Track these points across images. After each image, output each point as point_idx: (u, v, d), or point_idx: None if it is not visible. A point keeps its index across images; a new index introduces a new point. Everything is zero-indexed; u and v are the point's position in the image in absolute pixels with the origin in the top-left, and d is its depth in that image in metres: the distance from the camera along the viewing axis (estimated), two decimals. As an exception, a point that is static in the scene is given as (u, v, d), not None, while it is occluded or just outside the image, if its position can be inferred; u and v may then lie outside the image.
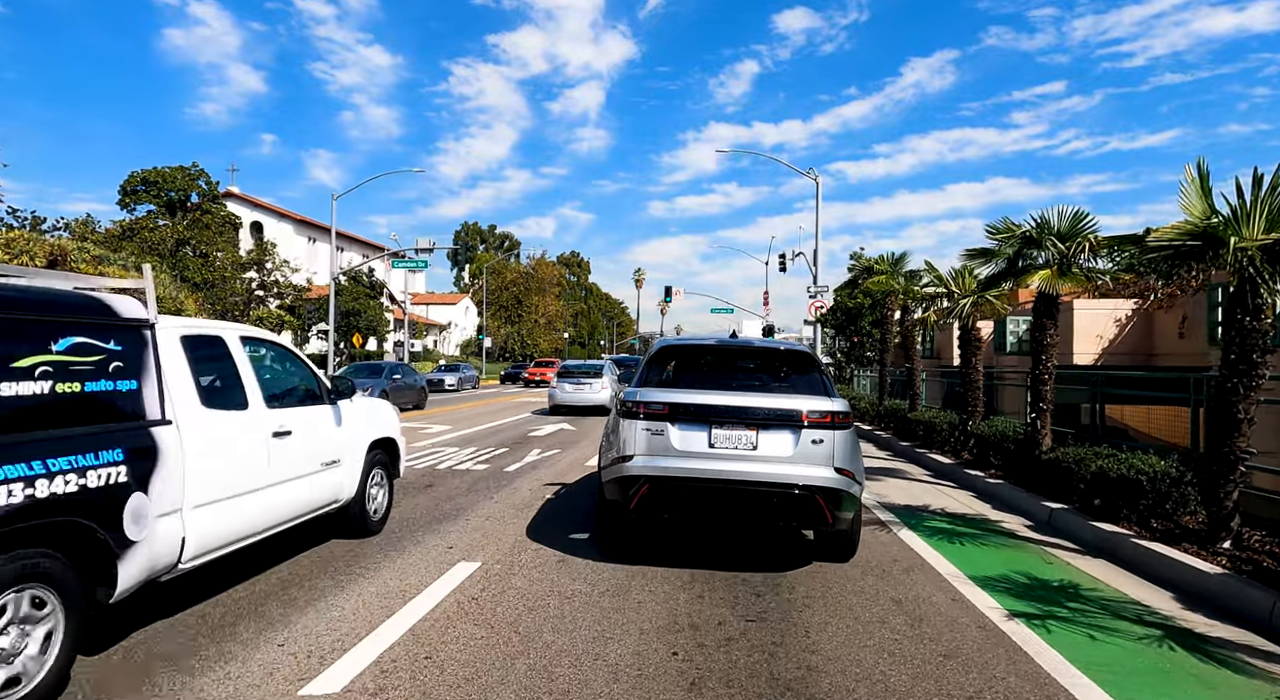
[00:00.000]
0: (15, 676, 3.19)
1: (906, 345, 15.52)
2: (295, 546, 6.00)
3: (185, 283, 37.60)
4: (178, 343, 4.46)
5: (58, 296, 3.69)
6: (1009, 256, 9.71)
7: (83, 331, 3.65)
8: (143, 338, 4.00)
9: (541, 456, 12.03)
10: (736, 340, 6.62)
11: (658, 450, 5.50)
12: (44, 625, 3.33)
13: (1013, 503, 8.71)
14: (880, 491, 9.53)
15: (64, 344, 3.54)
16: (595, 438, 14.96)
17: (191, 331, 4.68)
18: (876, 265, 17.19)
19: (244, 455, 4.77)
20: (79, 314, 3.66)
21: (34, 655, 3.28)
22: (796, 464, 5.43)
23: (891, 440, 14.91)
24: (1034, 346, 9.36)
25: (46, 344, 3.44)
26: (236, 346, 5.07)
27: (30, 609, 3.27)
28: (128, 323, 3.94)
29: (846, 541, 6.04)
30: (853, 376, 27.49)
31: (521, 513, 7.56)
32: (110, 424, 3.73)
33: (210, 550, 4.44)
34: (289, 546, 5.99)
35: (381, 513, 6.71)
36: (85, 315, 3.69)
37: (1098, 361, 13.23)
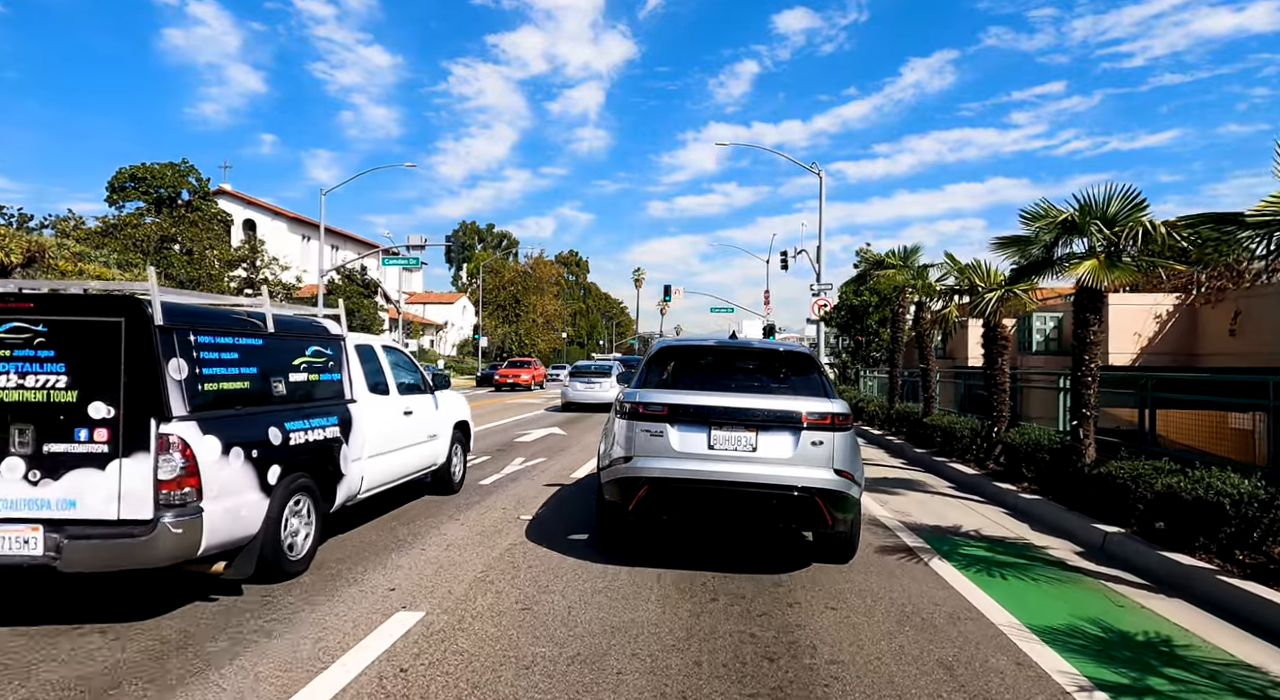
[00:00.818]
0: (292, 544, 5.22)
1: (921, 344, 14.44)
2: (171, 601, 4.92)
3: (170, 281, 36.59)
4: (353, 349, 6.62)
5: (306, 321, 6.12)
6: (1046, 244, 8.64)
7: (317, 342, 5.97)
8: (340, 346, 6.32)
9: (524, 466, 10.95)
10: (736, 341, 6.60)
11: (657, 451, 5.48)
12: (306, 518, 5.42)
13: (1055, 523, 7.64)
14: (901, 508, 8.46)
15: (310, 350, 5.83)
16: (585, 445, 13.88)
17: (359, 341, 6.98)
18: (888, 259, 16.10)
19: (389, 426, 6.94)
20: (315, 331, 6.06)
21: (302, 535, 5.36)
22: (796, 466, 5.40)
23: (904, 446, 13.83)
24: (1076, 345, 8.28)
25: (304, 350, 5.75)
26: (380, 351, 7.36)
27: (301, 508, 5.36)
28: (334, 336, 6.27)
29: (846, 543, 6.00)
30: (859, 377, 26.40)
31: (488, 540, 6.47)
32: (331, 400, 5.96)
33: (373, 488, 6.61)
34: (162, 602, 4.91)
35: (460, 475, 8.84)
36: (317, 332, 6.08)
37: (1135, 361, 12.17)
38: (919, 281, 14.76)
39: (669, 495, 5.48)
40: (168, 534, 4.17)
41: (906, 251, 16.17)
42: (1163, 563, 5.81)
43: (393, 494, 7.86)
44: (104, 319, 4.31)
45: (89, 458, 4.20)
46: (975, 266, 11.09)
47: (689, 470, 5.41)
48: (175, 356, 4.39)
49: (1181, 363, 11.77)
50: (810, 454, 5.41)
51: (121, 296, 4.47)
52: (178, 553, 4.27)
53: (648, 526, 6.91)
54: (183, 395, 4.37)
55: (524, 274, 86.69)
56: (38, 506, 4.19)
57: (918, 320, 14.61)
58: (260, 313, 5.42)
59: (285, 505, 5.13)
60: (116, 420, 4.22)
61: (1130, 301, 12.59)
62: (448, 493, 8.44)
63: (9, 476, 4.20)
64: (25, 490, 4.19)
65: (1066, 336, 14.34)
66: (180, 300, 4.91)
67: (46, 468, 4.21)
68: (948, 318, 11.49)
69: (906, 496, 9.32)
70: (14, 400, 4.24)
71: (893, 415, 16.15)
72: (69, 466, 4.20)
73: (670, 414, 5.51)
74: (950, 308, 11.49)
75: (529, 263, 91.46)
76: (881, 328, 26.79)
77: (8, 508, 4.18)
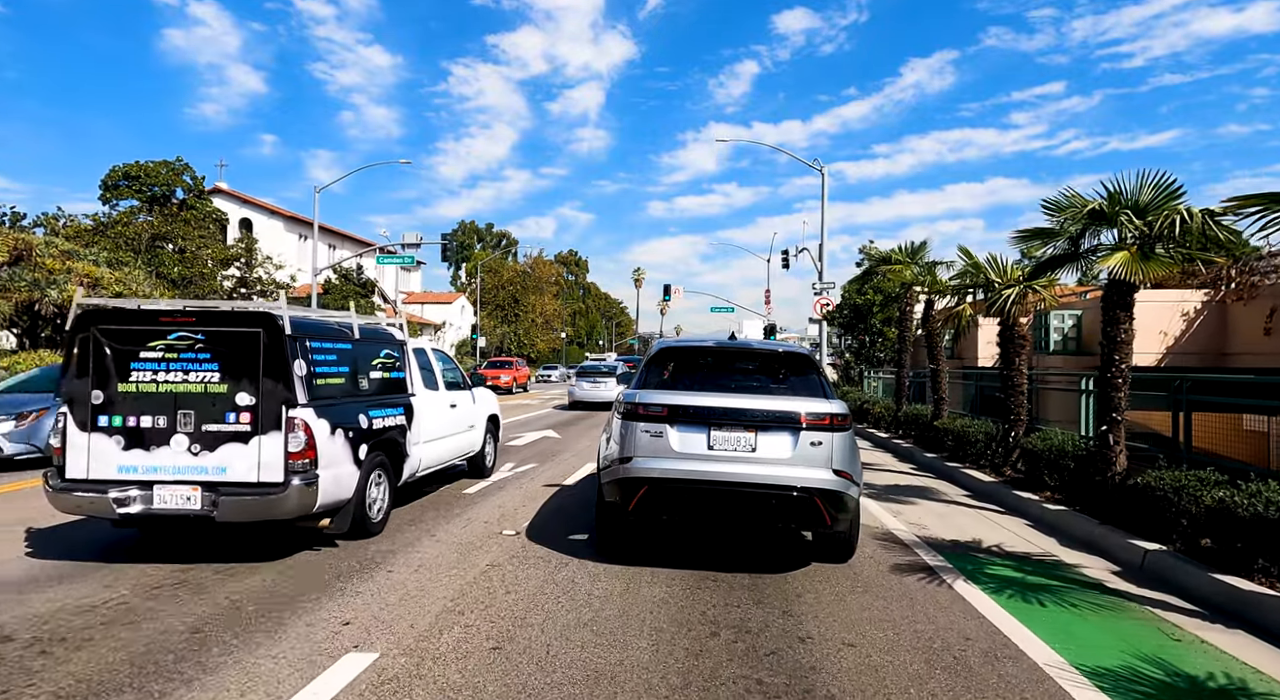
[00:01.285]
0: (372, 509, 6.42)
1: (930, 344, 13.81)
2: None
3: (161, 279, 35.97)
4: (412, 352, 7.78)
5: (379, 328, 7.42)
6: (1071, 236, 8.03)
7: (387, 346, 7.24)
8: (404, 349, 7.56)
9: (513, 473, 10.33)
10: (735, 342, 6.57)
11: (657, 452, 5.47)
12: (382, 488, 6.63)
13: (1086, 538, 7.02)
14: (916, 520, 7.84)
15: (383, 353, 7.10)
16: (579, 449, 13.26)
17: (415, 345, 8.11)
18: (894, 255, 15.47)
19: (438, 416, 8.02)
20: (385, 337, 7.34)
21: (379, 503, 6.56)
22: (795, 466, 5.40)
23: (914, 451, 13.21)
24: (1106, 344, 7.67)
25: (379, 353, 7.02)
26: (430, 354, 8.53)
27: (380, 481, 6.58)
28: (398, 341, 7.54)
29: (845, 543, 6.03)
30: (862, 378, 25.75)
31: (465, 559, 5.85)
32: (397, 394, 7.17)
33: (426, 468, 7.77)
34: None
35: (491, 461, 10.13)
36: (387, 337, 7.38)
37: (1161, 362, 11.55)
38: (927, 278, 14.16)
39: (669, 495, 5.48)
40: (294, 493, 5.42)
41: (914, 247, 15.55)
42: (1216, 587, 5.19)
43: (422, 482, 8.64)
44: (247, 329, 5.56)
45: (236, 435, 5.49)
46: (991, 261, 10.48)
47: (689, 470, 5.41)
48: (298, 358, 5.62)
49: (1210, 363, 11.15)
50: (809, 454, 5.42)
51: (261, 312, 5.65)
52: (300, 509, 5.50)
53: (643, 536, 6.31)
54: (304, 388, 5.60)
55: (523, 273, 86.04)
56: (198, 472, 5.47)
57: (926, 319, 13.98)
58: (348, 323, 6.72)
59: (369, 477, 6.37)
60: (257, 407, 5.49)
61: (1155, 298, 11.97)
62: (481, 477, 9.75)
63: (177, 448, 5.48)
64: (189, 459, 5.48)
65: (1086, 335, 13.74)
66: (299, 315, 5.99)
67: (204, 442, 5.48)
68: (961, 316, 10.86)
69: (920, 506, 8.70)
70: (180, 391, 5.52)
71: (900, 418, 15.52)
72: (221, 441, 5.48)
73: (670, 414, 5.51)
74: (964, 306, 10.87)
75: (528, 262, 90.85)
76: (886, 327, 26.19)
77: (176, 472, 5.46)
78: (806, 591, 5.24)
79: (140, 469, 5.47)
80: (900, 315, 16.33)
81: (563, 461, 11.58)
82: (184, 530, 6.34)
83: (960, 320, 10.89)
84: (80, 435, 5.52)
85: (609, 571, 5.57)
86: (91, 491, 5.43)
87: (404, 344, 7.62)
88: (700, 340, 7.04)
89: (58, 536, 6.36)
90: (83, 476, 5.50)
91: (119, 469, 5.48)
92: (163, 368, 5.54)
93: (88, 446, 5.52)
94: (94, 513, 5.52)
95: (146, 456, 5.48)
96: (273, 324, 5.52)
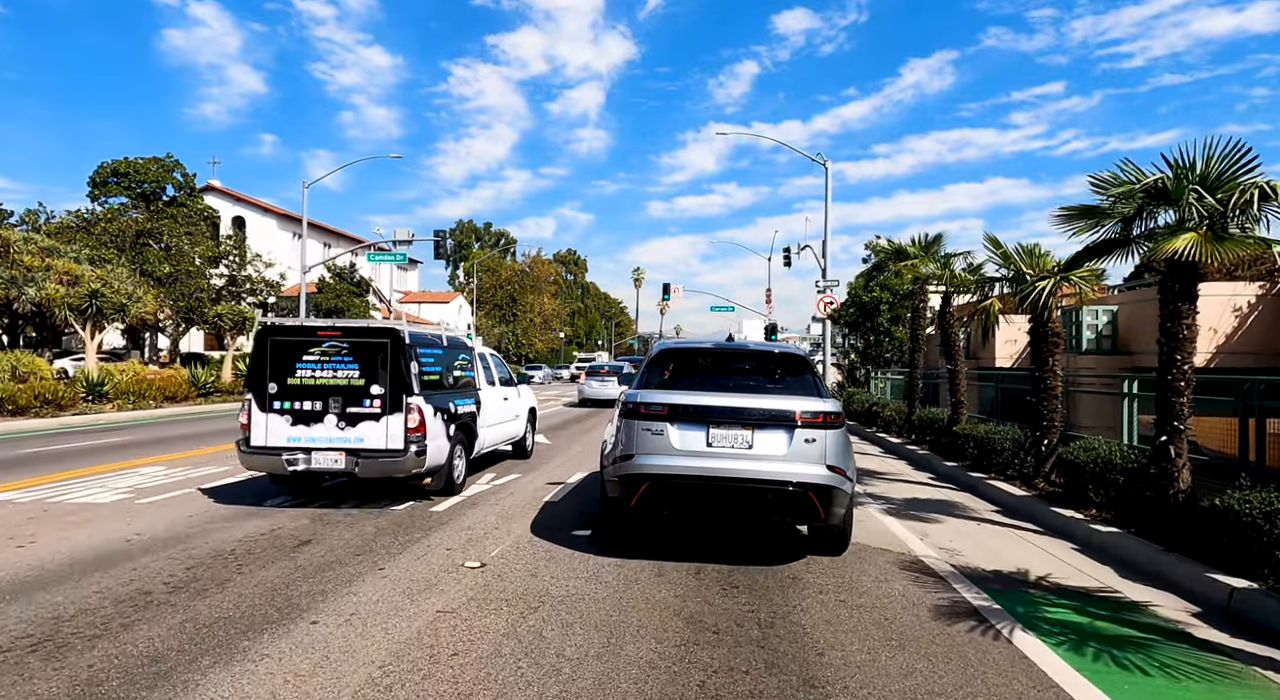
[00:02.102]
0: (456, 474, 8.35)
1: (947, 343, 12.81)
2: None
3: (146, 277, 34.93)
4: (477, 355, 10.01)
5: (457, 337, 9.35)
6: (1124, 217, 7.01)
7: (463, 352, 9.34)
8: (473, 353, 9.76)
9: (494, 485, 9.30)
10: (733, 343, 6.70)
11: (658, 449, 5.66)
12: (462, 459, 8.59)
13: (1148, 567, 6.00)
14: (946, 543, 6.82)
15: (461, 356, 9.20)
16: (570, 456, 12.24)
17: (480, 350, 10.36)
18: (909, 248, 14.45)
19: (496, 407, 10.15)
20: (461, 344, 9.37)
21: (460, 470, 8.47)
22: (791, 462, 5.57)
23: (930, 458, 12.19)
24: (1165, 341, 6.66)
25: (459, 356, 9.07)
26: (489, 357, 10.73)
27: (460, 453, 8.50)
28: (470, 347, 9.71)
29: (839, 536, 6.19)
30: (869, 378, 24.70)
31: (411, 604, 4.81)
32: (471, 388, 9.25)
33: (488, 447, 9.93)
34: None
35: (530, 445, 11.99)
36: (462, 345, 9.42)
37: (1211, 362, 10.54)
38: (944, 272, 13.13)
39: (669, 491, 5.64)
40: (411, 457, 7.41)
41: (928, 239, 14.54)
42: (1337, 641, 4.18)
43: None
44: (378, 340, 7.55)
45: (371, 416, 7.48)
46: (1022, 251, 9.46)
47: (689, 467, 5.58)
48: (413, 360, 7.58)
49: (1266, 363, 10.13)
50: (804, 451, 5.59)
51: (388, 327, 7.66)
52: (414, 469, 7.46)
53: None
54: (417, 382, 7.56)
55: (521, 273, 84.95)
56: (344, 442, 7.46)
57: (943, 316, 12.97)
58: (439, 334, 8.79)
59: (454, 449, 8.29)
60: (385, 395, 7.48)
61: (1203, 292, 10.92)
62: (523, 457, 11.66)
63: (329, 425, 7.49)
64: (337, 433, 7.48)
65: (1123, 333, 12.71)
66: (412, 329, 7.88)
67: (348, 420, 7.49)
68: (989, 311, 9.84)
69: (947, 525, 7.69)
70: (331, 384, 7.52)
71: (914, 422, 14.50)
72: (360, 420, 7.49)
73: (670, 413, 5.70)
74: (991, 300, 9.85)
75: (526, 261, 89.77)
76: (894, 326, 25.17)
77: (328, 442, 7.45)
78: (830, 647, 4.23)
79: (303, 439, 7.54)
80: (913, 312, 15.32)
81: (550, 469, 10.57)
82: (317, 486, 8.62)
83: (988, 316, 9.86)
84: (260, 415, 7.62)
85: (586, 618, 4.56)
86: (270, 455, 7.52)
87: (474, 350, 9.94)
88: (699, 341, 7.28)
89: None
90: (263, 444, 7.58)
91: (288, 439, 7.55)
92: (318, 367, 7.62)
93: (266, 423, 7.60)
94: (270, 470, 7.63)
95: (307, 430, 7.56)
96: (396, 336, 7.63)
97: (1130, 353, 12.45)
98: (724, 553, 6.23)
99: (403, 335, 7.57)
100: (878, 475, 11.22)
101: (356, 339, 7.60)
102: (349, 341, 7.60)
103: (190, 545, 6.14)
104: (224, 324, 30.36)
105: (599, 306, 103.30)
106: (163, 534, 6.53)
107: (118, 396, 21.69)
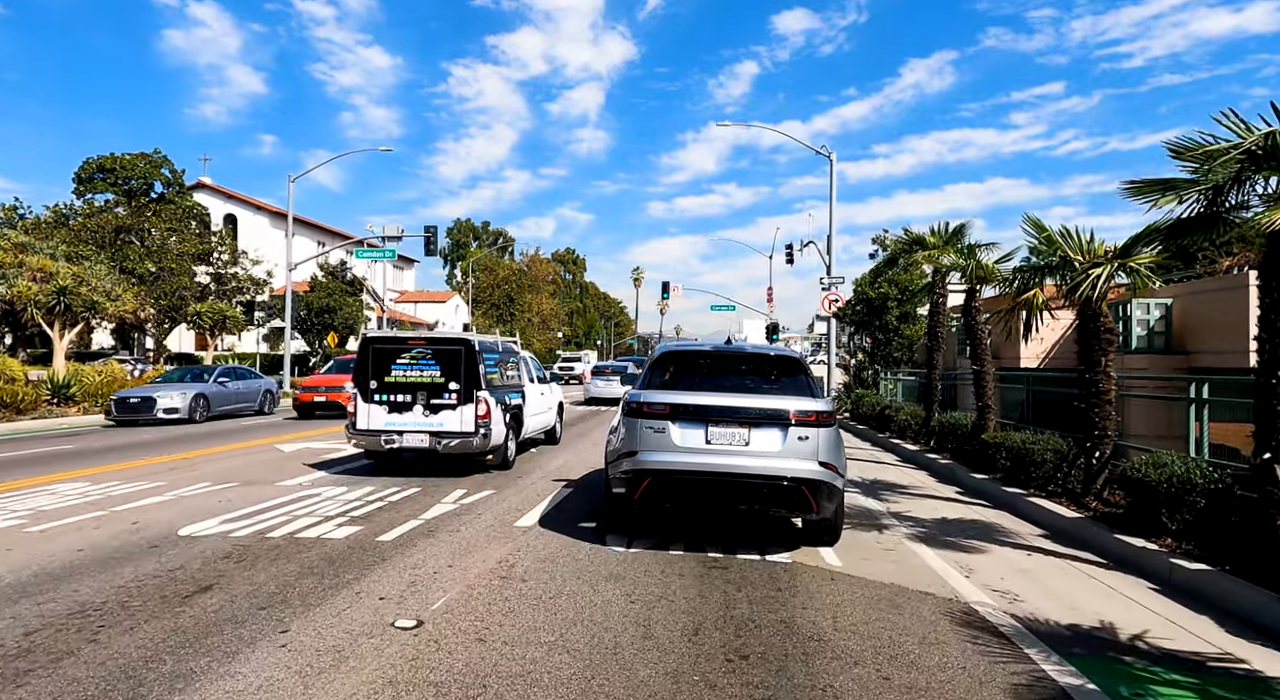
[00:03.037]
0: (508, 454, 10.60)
1: (973, 340, 11.59)
2: None
3: (125, 275, 33.74)
4: (522, 357, 12.07)
5: (508, 344, 11.69)
6: (1214, 186, 5.78)
7: (513, 355, 11.64)
8: (519, 355, 12.00)
9: (455, 507, 7.99)
10: (730, 346, 6.88)
11: (660, 446, 6.01)
12: (513, 443, 10.75)
13: (1260, 619, 4.76)
14: (998, 581, 5.58)
15: (512, 359, 11.56)
16: (550, 470, 11.01)
17: (523, 354, 12.18)
18: (930, 238, 13.23)
19: (536, 400, 12.09)
20: (511, 349, 11.76)
21: (512, 450, 10.70)
22: (785, 458, 5.89)
23: (955, 469, 10.95)
24: (1266, 339, 5.46)
25: (510, 359, 11.42)
26: (530, 358, 12.74)
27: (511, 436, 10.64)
28: (517, 351, 12.04)
29: (831, 528, 6.49)
30: (877, 379, 23.45)
31: (304, 691, 3.59)
32: (518, 385, 11.30)
33: (529, 433, 11.72)
34: None
35: (560, 434, 14.20)
36: (512, 350, 11.78)
37: None
38: (969, 262, 11.92)
39: (671, 486, 5.97)
40: (479, 438, 9.66)
41: (950, 228, 13.33)
42: None
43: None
44: (455, 347, 9.75)
45: (449, 406, 9.68)
46: (1068, 234, 8.24)
47: (689, 463, 5.89)
48: (480, 363, 9.78)
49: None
50: (797, 448, 5.89)
51: (462, 338, 9.85)
52: (481, 448, 9.76)
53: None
54: (483, 379, 9.77)
55: (519, 272, 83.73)
56: (429, 426, 9.66)
57: (968, 310, 11.75)
58: (497, 342, 10.96)
59: (509, 433, 10.43)
60: (460, 390, 9.67)
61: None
62: (554, 444, 13.61)
63: (416, 413, 9.68)
64: (423, 419, 9.68)
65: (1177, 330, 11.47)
66: (480, 338, 10.16)
67: (432, 409, 9.69)
68: (1030, 304, 8.60)
69: (993, 556, 6.47)
70: (418, 381, 9.73)
71: (934, 428, 13.28)
72: (441, 409, 9.69)
73: (671, 412, 6.03)
74: (1034, 292, 8.61)
75: (524, 260, 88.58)
76: (903, 324, 23.95)
77: (416, 426, 9.64)
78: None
79: (396, 424, 9.57)
80: (932, 308, 14.09)
81: (524, 488, 9.30)
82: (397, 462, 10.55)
83: (1029, 309, 8.62)
84: (364, 406, 9.65)
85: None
86: (371, 436, 9.62)
87: (519, 354, 12.02)
88: (699, 344, 7.47)
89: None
90: (365, 428, 9.65)
91: (385, 423, 9.59)
92: (409, 368, 9.65)
93: (368, 412, 9.63)
94: (371, 447, 9.74)
95: (400, 417, 9.59)
96: (469, 344, 9.64)
97: (1187, 352, 11.23)
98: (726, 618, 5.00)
99: (474, 343, 9.68)
100: (899, 489, 9.98)
101: (438, 346, 9.69)
102: (432, 348, 9.68)
103: (55, 594, 4.90)
104: (204, 322, 29.17)
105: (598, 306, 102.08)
106: (28, 577, 5.29)
107: (85, 399, 20.51)
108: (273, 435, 14.89)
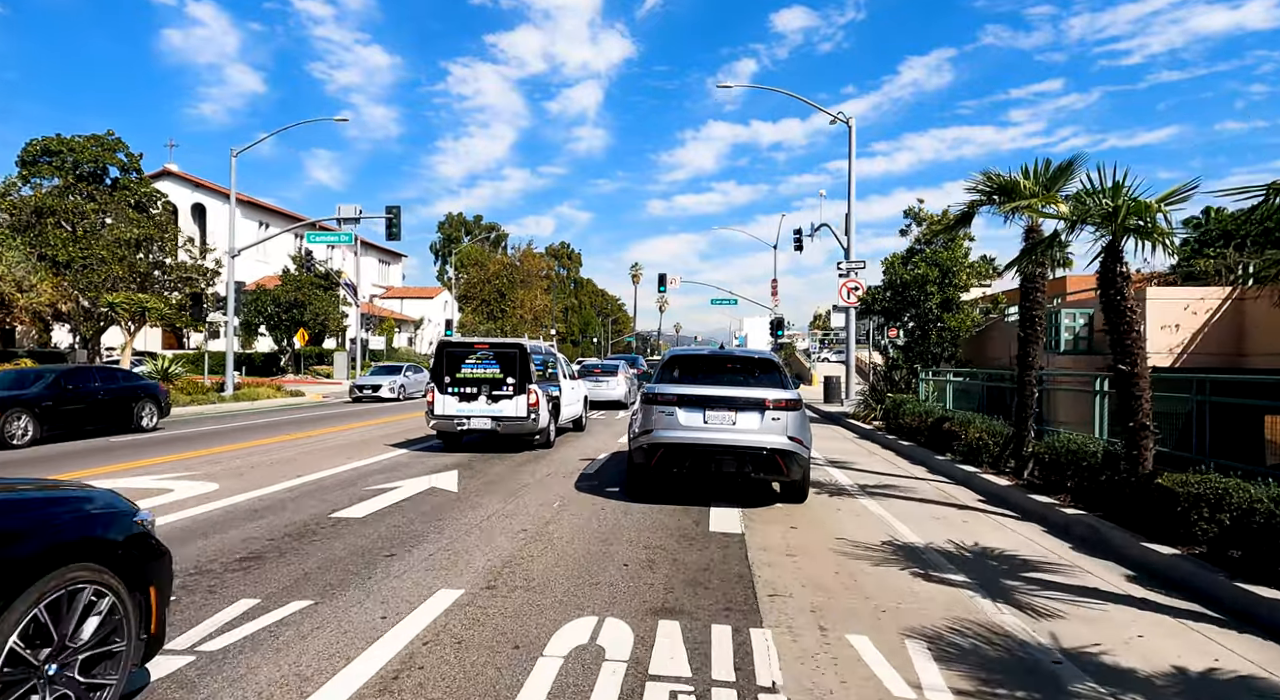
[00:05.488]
0: (550, 433, 13.47)
1: (1119, 325, 7.46)
2: None
3: (44, 262, 29.65)
4: (558, 358, 15.36)
5: (548, 347, 15.45)
6: None
7: (550, 356, 14.72)
8: (556, 356, 15.31)
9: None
10: (724, 351, 10.08)
11: (669, 426, 8.02)
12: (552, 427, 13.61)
13: None
14: None
15: (551, 359, 14.72)
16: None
17: (558, 354, 15.62)
18: (1025, 183, 9.06)
19: (568, 393, 15.22)
20: (552, 352, 15.14)
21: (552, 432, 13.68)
22: (763, 433, 7.94)
23: (1101, 529, 6.65)
24: None
25: (550, 359, 14.59)
26: (562, 358, 15.77)
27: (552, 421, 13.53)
28: (554, 354, 15.25)
29: (800, 489, 8.47)
30: (914, 381, 19.14)
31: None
32: (556, 380, 14.45)
33: (564, 422, 15.05)
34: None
35: (585, 423, 17.07)
36: (552, 352, 15.14)
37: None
38: (1120, 200, 7.69)
39: (678, 454, 7.99)
40: (530, 422, 12.33)
41: (1053, 168, 9.21)
42: None
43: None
44: (511, 350, 12.55)
45: (507, 396, 12.33)
46: None
47: (691, 437, 7.94)
48: (530, 363, 12.41)
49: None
50: (771, 426, 7.95)
51: (518, 343, 12.75)
52: (532, 431, 12.49)
53: None
54: (533, 376, 12.38)
55: (510, 267, 79.59)
56: (491, 412, 12.35)
57: (1107, 281, 7.59)
58: (541, 346, 14.29)
59: (550, 419, 13.09)
60: (515, 384, 12.33)
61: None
62: (580, 431, 16.39)
63: (481, 403, 12.37)
64: (487, 407, 12.38)
65: None
66: (530, 343, 13.09)
67: (493, 399, 12.37)
68: None
69: None
70: (482, 377, 12.42)
71: (1040, 455, 9.11)
72: (500, 399, 12.35)
73: (678, 400, 8.07)
74: None
75: (516, 255, 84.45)
76: (945, 312, 19.72)
77: (481, 412, 12.34)
78: None
79: (465, 410, 12.37)
80: (1026, 283, 9.91)
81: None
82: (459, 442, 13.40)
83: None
84: (439, 396, 12.44)
85: None
86: (446, 420, 12.42)
87: (557, 355, 15.31)
88: (699, 350, 10.13)
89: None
90: (441, 413, 12.41)
91: (457, 410, 12.41)
92: (475, 366, 12.48)
93: (443, 401, 12.43)
94: (446, 429, 12.59)
95: (468, 406, 12.39)
96: (523, 348, 12.58)
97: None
98: None
99: (527, 347, 12.60)
100: (1048, 587, 5.76)
101: (499, 349, 12.58)
102: (494, 351, 12.56)
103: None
104: (119, 315, 25.16)
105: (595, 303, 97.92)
106: None
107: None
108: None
